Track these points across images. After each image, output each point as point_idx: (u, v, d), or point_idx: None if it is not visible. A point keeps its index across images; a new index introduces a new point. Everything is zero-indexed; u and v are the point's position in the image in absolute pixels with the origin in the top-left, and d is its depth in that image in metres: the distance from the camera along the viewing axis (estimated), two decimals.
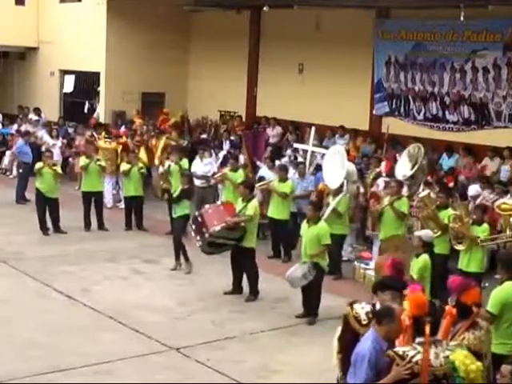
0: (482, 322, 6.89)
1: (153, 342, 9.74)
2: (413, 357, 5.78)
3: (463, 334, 6.65)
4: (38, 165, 15.23)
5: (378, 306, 6.66)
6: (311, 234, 10.87)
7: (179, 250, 12.97)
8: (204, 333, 10.15)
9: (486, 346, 6.73)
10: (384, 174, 15.00)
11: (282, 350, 9.73)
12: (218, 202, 16.00)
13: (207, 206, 12.35)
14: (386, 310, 6.13)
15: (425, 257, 9.58)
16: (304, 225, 11.17)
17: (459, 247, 11.15)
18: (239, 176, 14.84)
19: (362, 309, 6.77)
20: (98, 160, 15.89)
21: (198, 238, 11.65)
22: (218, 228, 11.43)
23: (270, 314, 11.05)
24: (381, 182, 14.45)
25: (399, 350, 5.92)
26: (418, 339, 5.95)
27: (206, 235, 11.48)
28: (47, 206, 15.09)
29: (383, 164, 15.94)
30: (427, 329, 5.95)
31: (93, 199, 15.69)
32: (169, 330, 10.24)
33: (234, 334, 10.16)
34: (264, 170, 15.67)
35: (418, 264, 9.52)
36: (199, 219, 11.72)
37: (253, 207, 11.78)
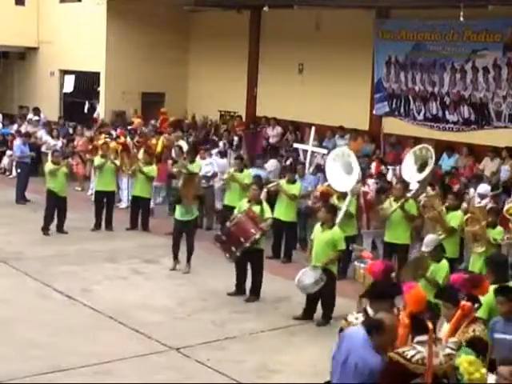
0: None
1: (153, 342, 9.74)
2: (412, 356, 5.76)
3: (471, 326, 6.68)
4: (51, 166, 15.15)
5: (370, 313, 6.62)
6: (325, 239, 10.73)
7: (178, 249, 12.96)
8: (204, 333, 10.15)
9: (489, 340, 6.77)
10: (374, 176, 14.99)
11: (282, 350, 9.73)
12: (218, 204, 16.10)
13: (238, 216, 11.96)
14: (375, 322, 5.97)
15: (445, 263, 9.49)
16: (317, 228, 11.01)
17: (478, 250, 10.97)
18: (245, 176, 14.76)
19: (356, 319, 6.74)
20: (115, 159, 15.94)
21: (234, 248, 11.46)
22: (258, 236, 11.41)
23: (270, 314, 11.04)
24: (371, 182, 14.45)
25: (399, 350, 5.89)
26: (417, 338, 5.93)
27: (247, 244, 11.37)
28: (57, 206, 15.07)
29: (373, 165, 15.92)
30: (430, 325, 5.94)
31: (105, 199, 15.71)
32: (169, 330, 10.24)
33: (234, 334, 10.15)
34: (252, 170, 15.55)
35: (443, 271, 9.35)
36: (232, 229, 11.55)
37: (268, 209, 11.97)
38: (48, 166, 15.32)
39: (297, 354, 9.55)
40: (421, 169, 13.22)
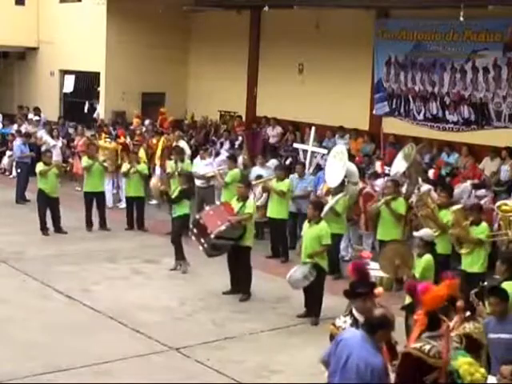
0: (479, 318, 6.93)
1: (153, 342, 9.74)
2: (430, 351, 5.77)
3: (463, 324, 6.70)
4: (41, 167, 15.16)
5: (355, 314, 6.64)
6: (312, 234, 10.87)
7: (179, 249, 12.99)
8: (204, 333, 10.15)
9: (484, 338, 6.75)
10: (382, 175, 14.99)
11: (282, 350, 9.73)
12: (217, 203, 16.15)
13: (207, 208, 12.35)
14: (379, 320, 5.99)
15: (428, 257, 9.56)
16: (305, 224, 11.18)
17: (463, 251, 11.08)
18: (231, 175, 15.00)
19: (344, 323, 6.74)
20: (104, 161, 15.96)
21: (202, 240, 11.58)
22: (223, 228, 11.41)
23: (270, 314, 11.05)
24: (379, 182, 14.44)
25: (416, 345, 5.89)
26: (427, 333, 5.94)
27: (212, 236, 11.42)
28: (49, 206, 15.11)
29: (378, 164, 15.93)
30: (446, 321, 5.97)
31: (95, 200, 15.73)
32: (169, 330, 10.24)
33: (234, 334, 10.16)
34: (255, 169, 15.66)
35: (421, 264, 9.48)
36: (201, 222, 11.66)
37: (251, 205, 11.90)
38: (39, 166, 15.30)
39: (297, 354, 9.54)
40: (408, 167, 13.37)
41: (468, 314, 6.89)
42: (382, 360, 5.89)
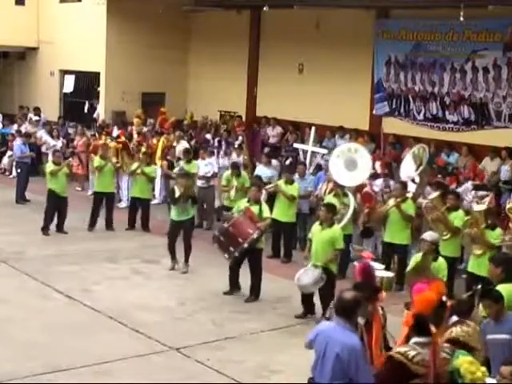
0: (469, 321, 6.93)
1: (153, 342, 9.75)
2: (414, 357, 5.75)
3: (451, 328, 6.70)
4: (52, 166, 15.16)
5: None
6: (325, 237, 10.75)
7: (174, 249, 12.98)
8: (204, 333, 10.15)
9: (475, 341, 6.73)
10: (382, 175, 14.98)
11: (282, 350, 9.73)
12: (217, 202, 16.18)
13: (236, 216, 12.16)
14: (352, 303, 6.11)
15: (443, 260, 9.57)
16: (316, 227, 11.04)
17: (476, 252, 10.97)
18: (244, 180, 14.99)
19: None
20: (117, 163, 15.99)
21: (232, 249, 11.43)
22: (255, 236, 11.40)
23: (270, 314, 11.05)
24: (378, 182, 14.43)
25: (400, 349, 5.88)
26: (415, 339, 5.92)
27: (245, 245, 11.37)
28: (58, 206, 15.09)
29: (378, 164, 15.91)
30: (433, 328, 5.95)
31: (104, 200, 15.73)
32: (169, 330, 10.25)
33: (234, 334, 10.16)
34: (260, 168, 15.70)
35: (442, 267, 9.44)
36: (231, 230, 11.53)
37: (267, 209, 12.00)
38: (49, 166, 15.31)
39: (297, 354, 9.49)
40: (417, 168, 13.30)
41: (455, 318, 6.87)
42: (358, 340, 6.02)
